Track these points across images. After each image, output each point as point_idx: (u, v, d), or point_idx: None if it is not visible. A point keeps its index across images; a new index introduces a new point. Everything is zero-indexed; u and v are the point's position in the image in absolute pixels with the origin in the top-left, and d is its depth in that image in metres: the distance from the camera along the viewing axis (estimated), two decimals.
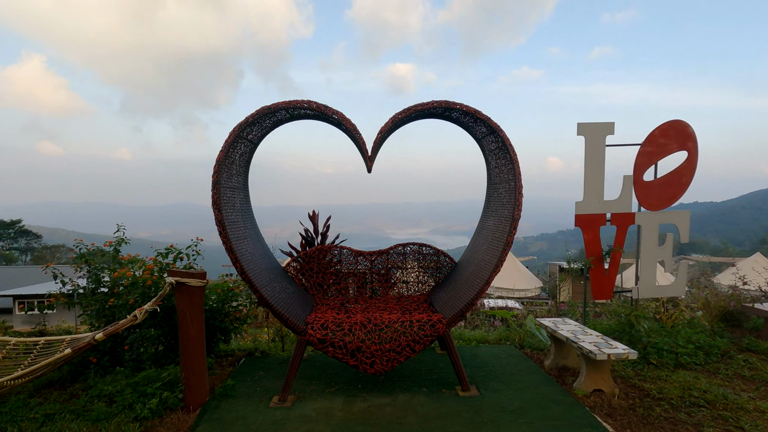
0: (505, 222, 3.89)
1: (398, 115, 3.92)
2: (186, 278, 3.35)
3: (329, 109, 3.81)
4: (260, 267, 3.89)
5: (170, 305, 3.94)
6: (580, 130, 4.95)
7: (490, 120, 3.90)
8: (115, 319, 4.09)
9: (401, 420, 3.24)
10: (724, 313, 5.46)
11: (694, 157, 5.07)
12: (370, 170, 4.18)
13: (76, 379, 3.94)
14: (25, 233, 54.59)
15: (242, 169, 4.17)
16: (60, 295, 4.47)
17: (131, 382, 3.47)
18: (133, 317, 3.25)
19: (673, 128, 5.05)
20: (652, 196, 5.06)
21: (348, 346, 3.54)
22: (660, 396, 3.60)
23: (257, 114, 3.71)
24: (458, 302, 3.81)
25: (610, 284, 5.08)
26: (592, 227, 5.03)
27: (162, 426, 3.18)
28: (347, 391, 3.76)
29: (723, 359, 4.49)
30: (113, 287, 4.24)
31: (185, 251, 4.57)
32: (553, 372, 4.24)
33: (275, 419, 3.27)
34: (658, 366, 4.24)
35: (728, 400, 3.48)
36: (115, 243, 4.66)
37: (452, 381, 3.94)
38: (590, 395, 3.63)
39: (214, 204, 3.50)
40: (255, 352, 4.97)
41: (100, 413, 3.19)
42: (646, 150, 5.05)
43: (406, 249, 4.92)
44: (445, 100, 3.88)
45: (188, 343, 3.42)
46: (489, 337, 5.47)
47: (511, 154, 3.85)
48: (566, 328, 4.22)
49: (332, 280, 4.77)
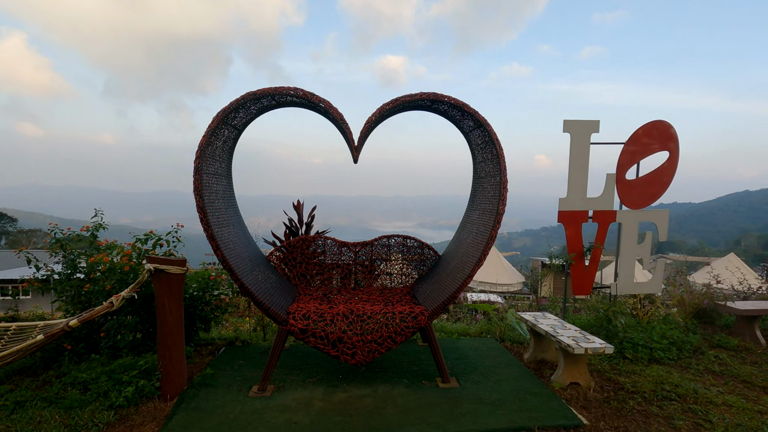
0: (489, 216, 3.90)
1: (386, 106, 3.89)
2: (165, 265, 3.28)
3: (316, 97, 3.76)
4: (242, 255, 3.84)
5: (149, 292, 3.87)
6: (566, 127, 4.99)
7: (477, 113, 3.90)
8: (92, 305, 4.00)
9: (381, 411, 3.26)
10: (698, 311, 5.63)
11: (675, 157, 5.16)
12: (356, 160, 4.14)
13: (49, 366, 3.84)
14: (0, 216, 52.91)
15: (226, 155, 4.09)
16: (34, 280, 4.34)
17: (107, 370, 3.41)
18: (109, 304, 3.18)
19: (656, 128, 5.13)
20: (633, 194, 5.15)
21: (329, 337, 3.53)
22: (634, 389, 3.70)
23: (242, 99, 3.63)
24: (441, 295, 3.83)
25: (590, 280, 5.17)
26: (574, 224, 5.10)
27: (138, 414, 3.13)
28: (328, 382, 3.76)
29: (695, 355, 4.63)
30: (89, 273, 4.14)
31: (165, 238, 4.48)
32: (532, 365, 4.31)
33: (254, 409, 3.25)
34: (633, 360, 4.34)
35: (698, 394, 3.59)
36: (92, 228, 4.54)
37: (433, 373, 3.97)
38: (567, 388, 3.70)
39: (195, 190, 3.43)
40: (236, 341, 4.93)
41: (74, 401, 3.12)
42: (629, 149, 5.12)
43: (390, 241, 4.92)
44: (433, 93, 3.86)
45: (166, 331, 3.36)
46: (470, 330, 5.53)
47: (497, 148, 3.86)
48: (546, 322, 4.29)
49: (316, 270, 4.74)
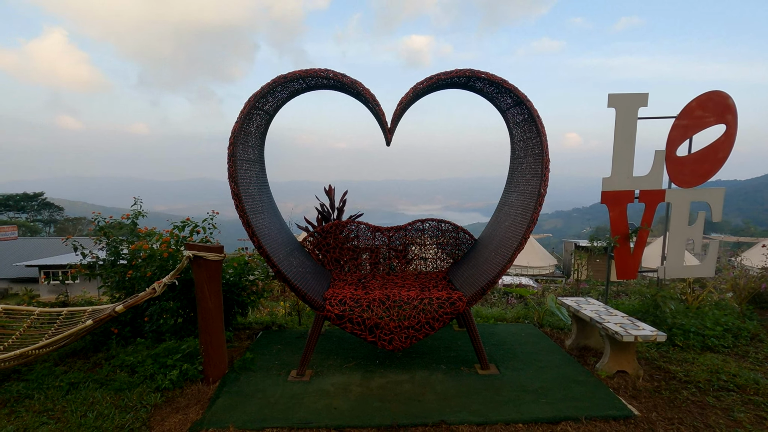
0: (529, 198, 3.72)
1: (419, 85, 3.73)
2: (204, 252, 3.31)
3: (347, 78, 3.64)
4: (277, 241, 3.83)
5: (188, 278, 3.94)
6: (611, 102, 4.67)
7: (517, 90, 3.68)
8: (135, 291, 4.12)
9: (420, 397, 3.21)
10: (754, 295, 5.26)
11: (732, 131, 4.76)
12: (389, 143, 4.02)
13: (98, 349, 4.01)
14: (48, 206, 56.15)
15: (258, 141, 4.06)
16: (81, 266, 4.51)
17: (152, 353, 3.51)
18: (152, 290, 3.25)
19: (711, 100, 4.73)
20: (685, 172, 4.80)
21: (366, 323, 3.49)
22: (687, 379, 3.49)
23: (272, 84, 3.56)
24: (479, 280, 3.71)
25: (636, 264, 4.91)
26: (619, 204, 4.81)
27: (183, 397, 3.21)
28: (365, 367, 3.75)
29: (752, 342, 4.33)
30: (132, 259, 4.25)
31: (201, 225, 4.54)
32: (575, 352, 4.15)
33: (294, 393, 3.27)
34: (684, 348, 4.11)
35: (759, 385, 3.35)
36: (132, 216, 4.65)
37: (471, 359, 3.89)
38: (613, 377, 3.54)
39: (230, 177, 3.41)
40: (272, 325, 5.00)
41: (123, 383, 3.23)
42: (681, 123, 4.76)
43: (424, 225, 4.81)
44: (469, 69, 3.66)
45: (207, 316, 3.42)
46: (507, 315, 5.40)
47: (539, 126, 3.65)
48: (589, 308, 4.10)
49: (349, 255, 4.71)
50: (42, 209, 55.80)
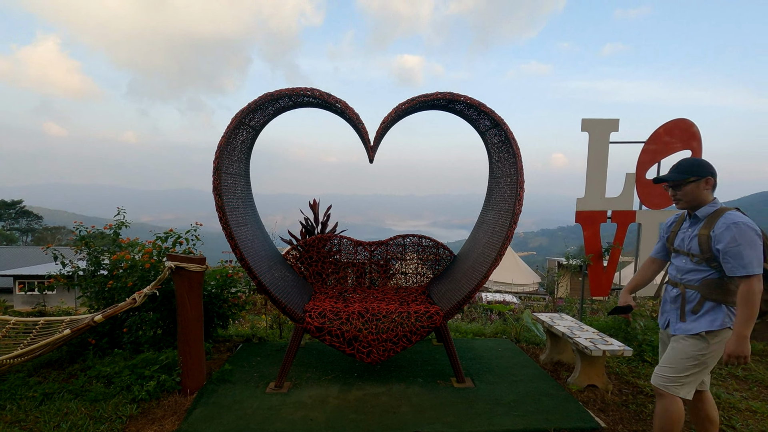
0: (505, 216, 3.88)
1: (401, 106, 3.89)
2: (185, 263, 3.35)
3: (332, 98, 3.79)
4: (260, 254, 3.90)
5: (169, 289, 3.96)
6: (584, 126, 4.92)
7: (494, 113, 3.87)
8: (114, 301, 4.11)
9: (396, 409, 3.28)
10: None
11: (697, 156, 5.03)
12: (372, 160, 4.16)
13: (74, 360, 3.97)
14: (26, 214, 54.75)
15: (244, 155, 4.16)
16: (60, 276, 4.49)
17: (129, 364, 3.50)
18: (132, 300, 3.27)
19: (677, 127, 5.01)
20: (653, 194, 5.04)
21: (345, 335, 3.56)
22: (653, 393, 3.62)
23: (260, 100, 3.68)
24: (456, 295, 3.83)
25: (608, 281, 5.09)
26: (592, 224, 5.02)
27: (159, 408, 3.21)
28: (343, 379, 3.79)
29: None
30: (112, 270, 4.26)
31: (185, 236, 4.58)
32: (548, 366, 4.27)
33: (271, 405, 3.30)
34: (653, 364, 4.26)
35: (721, 399, 3.51)
36: (115, 226, 4.67)
37: (448, 372, 3.97)
38: (584, 390, 3.66)
39: (214, 189, 3.50)
40: (253, 338, 5.01)
41: (99, 394, 3.22)
42: (649, 148, 5.02)
43: (405, 240, 4.92)
44: (449, 92, 3.85)
45: (187, 327, 3.44)
46: (485, 331, 5.50)
47: (514, 148, 3.83)
48: (563, 323, 4.24)
49: (331, 269, 4.78)
50: (20, 217, 54.37)
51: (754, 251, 2.15)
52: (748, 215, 2.29)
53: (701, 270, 2.34)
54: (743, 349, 2.15)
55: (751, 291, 2.14)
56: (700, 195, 2.35)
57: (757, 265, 2.14)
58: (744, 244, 2.16)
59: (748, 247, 2.15)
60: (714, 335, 2.28)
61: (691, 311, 2.35)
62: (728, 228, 2.21)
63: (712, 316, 2.29)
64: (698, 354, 2.30)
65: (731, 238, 2.18)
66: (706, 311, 2.31)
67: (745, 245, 2.15)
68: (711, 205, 2.35)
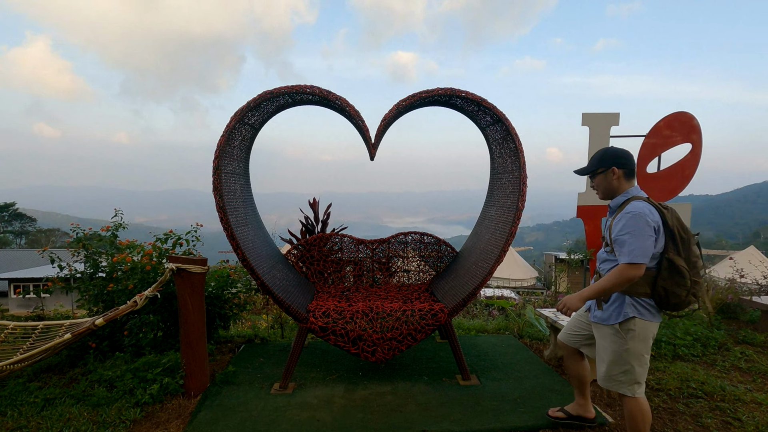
0: (508, 212, 3.86)
1: (402, 102, 3.86)
2: (187, 264, 3.31)
3: (332, 95, 3.74)
4: (261, 254, 3.86)
5: (170, 291, 3.92)
6: (584, 121, 4.90)
7: (496, 108, 3.84)
8: (114, 304, 4.06)
9: (402, 408, 3.26)
10: (722, 306, 5.51)
11: (698, 149, 5.04)
12: (373, 157, 4.12)
13: (75, 364, 3.92)
14: (20, 216, 54.27)
15: (243, 154, 4.11)
16: (57, 279, 4.43)
17: (131, 368, 3.46)
18: (133, 303, 3.23)
19: (678, 120, 5.01)
20: (654, 188, 5.05)
21: (350, 335, 3.53)
22: (658, 387, 3.63)
23: (259, 98, 3.63)
24: (460, 292, 3.80)
25: None
26: (593, 218, 5.02)
27: (163, 411, 3.18)
28: (348, 379, 3.77)
29: (720, 351, 4.53)
30: (111, 272, 4.20)
31: (185, 237, 4.53)
32: (553, 362, 4.26)
33: (276, 406, 3.27)
34: (656, 357, 4.27)
35: (726, 392, 3.51)
36: (112, 228, 4.61)
37: (452, 370, 3.96)
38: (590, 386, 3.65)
39: (215, 190, 3.45)
40: (254, 338, 4.97)
41: (101, 398, 3.18)
42: (650, 142, 5.02)
43: (407, 238, 4.90)
44: (450, 88, 3.81)
45: (189, 329, 3.40)
46: (488, 327, 5.49)
47: (516, 143, 3.80)
48: (566, 318, 4.23)
49: (333, 268, 4.75)
50: (13, 220, 53.86)
51: (638, 241, 2.16)
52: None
53: (611, 260, 2.36)
54: (574, 305, 2.32)
55: (623, 275, 2.18)
56: (610, 185, 2.40)
57: (639, 255, 2.15)
58: (631, 233, 2.18)
59: (634, 236, 2.17)
60: (624, 327, 2.34)
61: (603, 301, 2.42)
62: (623, 217, 2.26)
63: (618, 308, 2.35)
64: (622, 350, 2.35)
65: (622, 226, 2.24)
66: (613, 302, 2.38)
67: (631, 234, 2.18)
68: (623, 195, 2.38)
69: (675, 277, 2.22)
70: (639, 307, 2.31)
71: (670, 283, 2.22)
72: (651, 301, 2.31)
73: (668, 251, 2.23)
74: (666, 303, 2.28)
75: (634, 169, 2.41)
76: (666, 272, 2.22)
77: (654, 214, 2.23)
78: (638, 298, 2.30)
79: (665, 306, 2.31)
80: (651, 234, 2.18)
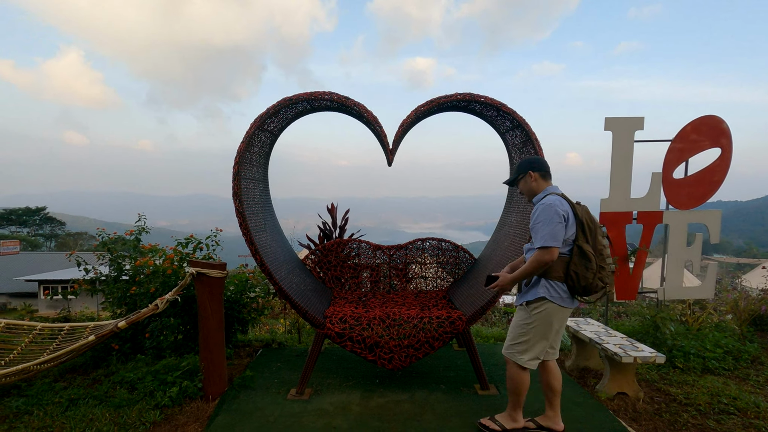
0: (528, 218, 3.78)
1: (421, 108, 3.84)
2: (207, 269, 3.35)
3: (350, 101, 3.76)
4: (279, 259, 3.88)
5: (190, 295, 3.97)
6: (607, 125, 4.78)
7: (516, 113, 3.79)
8: (137, 307, 4.14)
9: (419, 417, 3.20)
10: (755, 317, 5.26)
11: (727, 154, 4.85)
12: (391, 163, 4.11)
13: (98, 365, 4.01)
14: (50, 220, 56.36)
15: (263, 160, 4.16)
16: (83, 281, 4.55)
17: (152, 370, 3.51)
18: (154, 306, 3.28)
19: (705, 124, 4.83)
20: (681, 194, 4.87)
21: (366, 341, 3.51)
22: (687, 401, 3.48)
23: (278, 105, 3.67)
24: (479, 300, 3.74)
25: (635, 284, 4.93)
26: (617, 225, 4.87)
27: (182, 414, 3.21)
28: (364, 386, 3.74)
29: (753, 365, 4.32)
30: (134, 276, 4.30)
31: (205, 241, 4.60)
32: (574, 373, 4.14)
33: (293, 412, 3.26)
34: (685, 370, 4.10)
35: (760, 408, 3.34)
36: (136, 232, 4.72)
37: (471, 379, 3.88)
38: (614, 398, 3.53)
39: (234, 195, 3.49)
40: (272, 343, 5.00)
41: (122, 400, 3.23)
42: (676, 146, 4.85)
43: (425, 244, 4.86)
44: (469, 93, 3.78)
45: (208, 333, 3.44)
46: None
47: (537, 149, 3.73)
48: (589, 328, 4.11)
49: (350, 273, 4.74)
50: (44, 224, 55.99)
51: (548, 227, 2.48)
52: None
53: (533, 249, 2.62)
54: (506, 286, 2.73)
55: (540, 260, 2.50)
56: (530, 187, 2.77)
57: (550, 240, 2.47)
58: (542, 221, 2.52)
59: (545, 223, 2.50)
60: (532, 305, 2.66)
61: (525, 284, 2.76)
62: (537, 208, 2.61)
63: (534, 289, 2.67)
64: (523, 323, 2.71)
65: (535, 217, 2.58)
66: (531, 285, 2.71)
67: (542, 222, 2.51)
68: (542, 193, 2.72)
69: (584, 261, 2.53)
70: (551, 290, 2.61)
71: (580, 267, 2.53)
72: (564, 285, 2.60)
73: (578, 239, 2.55)
74: (577, 286, 2.56)
75: (548, 171, 2.76)
76: (576, 257, 2.54)
77: (564, 204, 2.56)
78: (552, 281, 2.60)
79: (577, 290, 2.57)
80: (560, 221, 2.49)
